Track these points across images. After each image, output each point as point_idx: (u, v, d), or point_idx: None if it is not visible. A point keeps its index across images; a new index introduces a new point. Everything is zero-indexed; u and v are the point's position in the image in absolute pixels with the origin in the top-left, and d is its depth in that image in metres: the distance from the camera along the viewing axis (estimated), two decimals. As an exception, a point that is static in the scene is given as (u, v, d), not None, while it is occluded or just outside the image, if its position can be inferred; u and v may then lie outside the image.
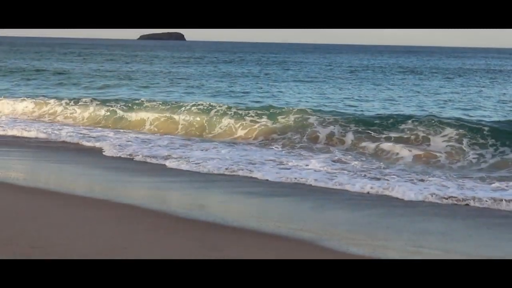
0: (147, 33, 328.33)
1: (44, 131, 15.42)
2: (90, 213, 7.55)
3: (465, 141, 12.52)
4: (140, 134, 15.49)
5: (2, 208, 7.63)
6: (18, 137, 14.83)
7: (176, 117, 16.70)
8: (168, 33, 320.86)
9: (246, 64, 53.82)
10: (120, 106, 18.29)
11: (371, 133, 13.65)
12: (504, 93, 28.09)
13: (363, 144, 13.28)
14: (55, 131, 15.44)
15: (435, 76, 41.09)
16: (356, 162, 11.63)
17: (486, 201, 8.74)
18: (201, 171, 10.73)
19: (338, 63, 61.70)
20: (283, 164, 11.41)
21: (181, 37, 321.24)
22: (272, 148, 13.43)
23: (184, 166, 11.06)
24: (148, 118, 17.01)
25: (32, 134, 15.05)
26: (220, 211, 8.32)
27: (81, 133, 15.18)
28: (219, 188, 9.63)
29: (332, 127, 14.23)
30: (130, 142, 13.73)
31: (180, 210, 7.96)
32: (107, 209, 7.85)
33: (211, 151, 12.71)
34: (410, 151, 12.37)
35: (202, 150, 12.88)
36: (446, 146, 12.51)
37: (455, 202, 8.77)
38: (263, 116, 15.56)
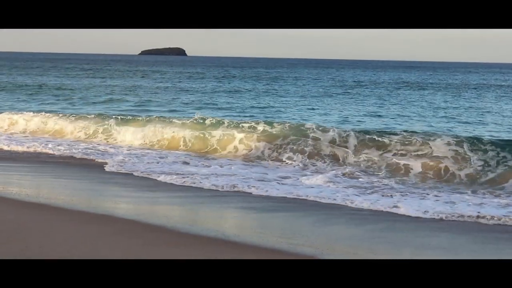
0: (148, 48, 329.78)
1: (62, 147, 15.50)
2: (91, 227, 7.53)
3: (473, 156, 12.39)
4: (152, 150, 15.41)
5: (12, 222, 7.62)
6: (42, 153, 14.86)
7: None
8: (169, 48, 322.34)
9: (251, 80, 54.03)
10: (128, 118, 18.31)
11: (375, 148, 13.51)
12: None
13: (367, 158, 13.20)
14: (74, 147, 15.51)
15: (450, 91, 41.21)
16: (362, 178, 11.67)
17: (493, 217, 8.69)
18: (203, 187, 10.71)
19: (341, 78, 61.67)
20: (287, 179, 11.47)
21: (182, 52, 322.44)
22: (284, 164, 13.49)
23: (187, 182, 11.06)
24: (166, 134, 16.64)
25: (55, 151, 15.01)
26: (221, 226, 8.31)
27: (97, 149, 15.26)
28: (221, 203, 9.61)
29: (336, 141, 14.12)
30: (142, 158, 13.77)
31: (180, 225, 7.93)
32: (108, 223, 7.83)
33: (215, 167, 12.71)
34: (414, 167, 12.29)
35: (205, 166, 12.89)
36: (452, 160, 12.36)
37: (460, 219, 8.71)
38: (269, 130, 15.41)
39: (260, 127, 15.57)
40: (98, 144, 16.29)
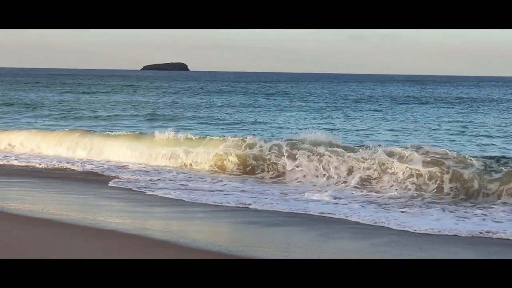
0: (150, 64, 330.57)
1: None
2: (96, 242, 7.54)
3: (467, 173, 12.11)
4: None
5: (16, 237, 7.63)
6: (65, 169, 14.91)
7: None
8: (171, 63, 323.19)
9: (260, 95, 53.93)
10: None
11: (379, 163, 13.21)
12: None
13: (370, 174, 13.02)
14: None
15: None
16: (364, 192, 11.74)
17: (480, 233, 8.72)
18: (208, 203, 10.75)
19: (341, 93, 61.67)
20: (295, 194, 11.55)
21: (184, 67, 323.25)
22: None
23: (195, 198, 11.09)
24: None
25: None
26: (225, 240, 8.31)
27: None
28: (225, 218, 9.63)
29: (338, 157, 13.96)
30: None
31: (183, 240, 7.93)
32: (114, 238, 7.84)
33: (220, 184, 12.74)
34: (415, 182, 12.23)
35: (210, 182, 12.90)
36: (451, 176, 12.15)
37: (459, 234, 8.70)
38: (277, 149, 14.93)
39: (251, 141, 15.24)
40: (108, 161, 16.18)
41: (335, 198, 11.06)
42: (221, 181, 13.03)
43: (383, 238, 8.37)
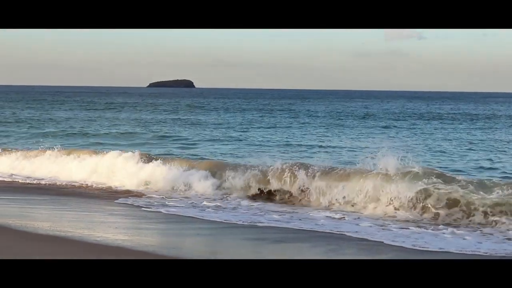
0: (156, 81, 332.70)
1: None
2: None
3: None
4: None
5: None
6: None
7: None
8: (177, 80, 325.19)
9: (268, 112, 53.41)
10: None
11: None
12: None
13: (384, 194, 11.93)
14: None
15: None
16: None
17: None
18: (214, 220, 10.73)
19: (350, 110, 60.57)
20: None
21: (190, 84, 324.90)
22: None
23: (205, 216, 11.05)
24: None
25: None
26: (232, 256, 8.28)
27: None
28: (233, 235, 9.62)
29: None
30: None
31: (188, 255, 7.91)
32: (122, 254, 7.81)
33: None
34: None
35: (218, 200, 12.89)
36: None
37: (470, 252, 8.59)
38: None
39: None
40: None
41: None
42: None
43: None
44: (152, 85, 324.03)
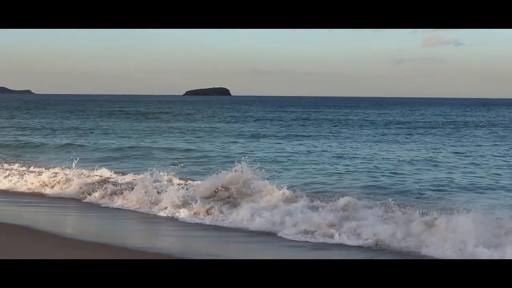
0: (193, 89, 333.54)
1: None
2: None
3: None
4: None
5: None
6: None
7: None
8: (213, 88, 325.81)
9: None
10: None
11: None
12: None
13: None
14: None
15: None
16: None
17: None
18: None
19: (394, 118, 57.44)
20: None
21: (226, 92, 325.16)
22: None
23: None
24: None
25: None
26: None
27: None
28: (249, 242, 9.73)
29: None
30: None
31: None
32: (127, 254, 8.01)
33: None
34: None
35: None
36: None
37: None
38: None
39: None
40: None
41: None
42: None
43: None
44: (189, 93, 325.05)
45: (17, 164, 18.35)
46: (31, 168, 17.56)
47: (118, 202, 12.88)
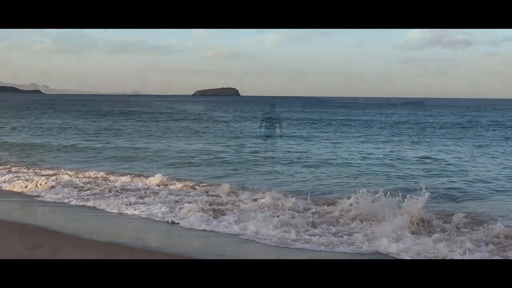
0: (202, 89, 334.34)
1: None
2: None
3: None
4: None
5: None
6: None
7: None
8: (222, 88, 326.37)
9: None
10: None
11: None
12: None
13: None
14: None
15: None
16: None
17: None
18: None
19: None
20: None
21: (235, 92, 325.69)
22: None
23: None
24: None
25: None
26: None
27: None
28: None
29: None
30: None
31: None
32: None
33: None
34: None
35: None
36: None
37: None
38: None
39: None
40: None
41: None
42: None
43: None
44: (198, 93, 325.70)
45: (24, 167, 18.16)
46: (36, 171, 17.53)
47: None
